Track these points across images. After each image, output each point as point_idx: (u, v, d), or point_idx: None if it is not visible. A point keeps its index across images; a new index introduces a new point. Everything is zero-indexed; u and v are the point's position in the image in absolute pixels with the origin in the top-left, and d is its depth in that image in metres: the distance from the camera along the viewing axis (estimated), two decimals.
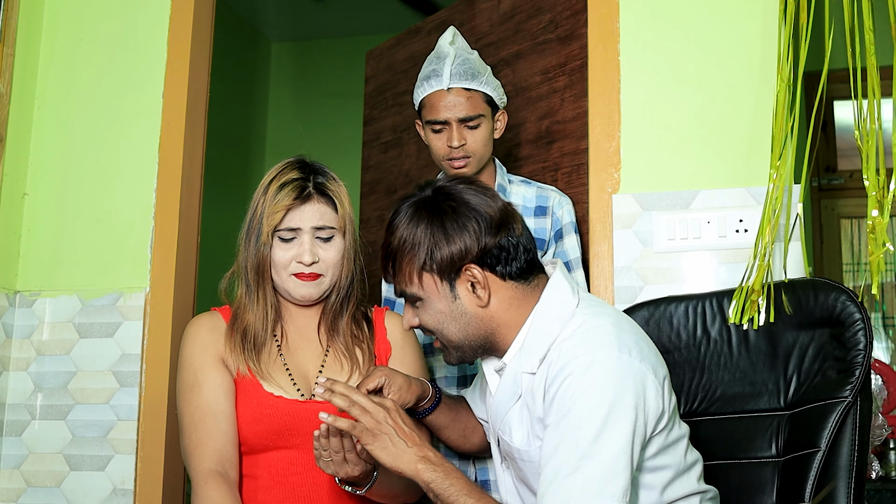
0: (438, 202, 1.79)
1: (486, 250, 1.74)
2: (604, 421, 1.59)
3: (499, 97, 2.54)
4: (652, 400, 1.66)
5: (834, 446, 1.80)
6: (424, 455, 1.70)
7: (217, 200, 3.83)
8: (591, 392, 1.61)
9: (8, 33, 2.82)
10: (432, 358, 2.47)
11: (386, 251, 1.83)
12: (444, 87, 2.47)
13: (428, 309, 1.79)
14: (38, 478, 2.73)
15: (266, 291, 2.06)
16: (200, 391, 2.00)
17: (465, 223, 1.75)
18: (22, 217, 2.88)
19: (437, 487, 1.67)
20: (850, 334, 1.86)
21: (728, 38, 2.54)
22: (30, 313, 2.82)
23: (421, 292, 1.78)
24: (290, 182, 2.03)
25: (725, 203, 2.46)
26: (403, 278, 1.80)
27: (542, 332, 1.75)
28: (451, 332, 1.79)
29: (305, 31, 6.01)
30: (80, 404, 2.74)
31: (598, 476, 1.56)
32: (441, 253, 1.74)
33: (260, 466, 2.00)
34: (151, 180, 2.83)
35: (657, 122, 2.56)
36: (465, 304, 1.76)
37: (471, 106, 2.47)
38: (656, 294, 2.37)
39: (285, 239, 2.03)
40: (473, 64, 2.51)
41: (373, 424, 1.71)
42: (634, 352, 1.67)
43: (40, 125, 2.93)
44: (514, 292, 1.78)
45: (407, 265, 1.78)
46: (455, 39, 2.56)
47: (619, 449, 1.58)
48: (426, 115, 2.52)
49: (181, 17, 2.91)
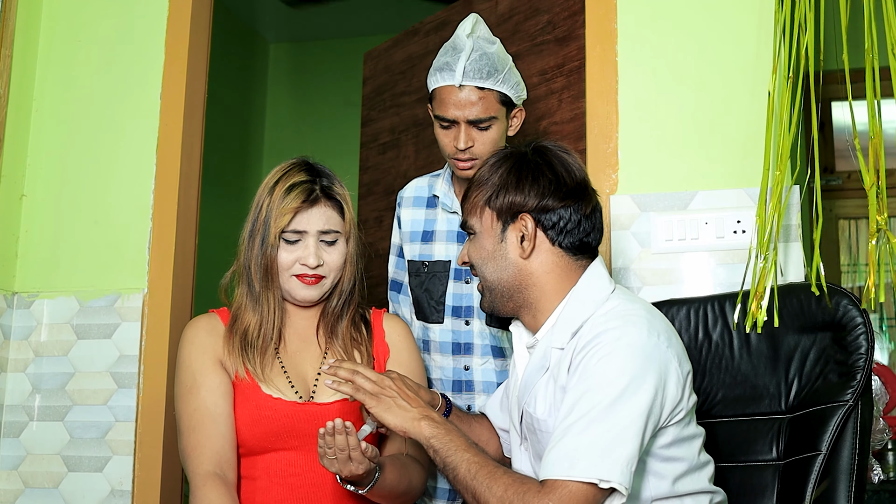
0: (527, 156, 1.88)
1: (546, 210, 1.83)
2: (622, 390, 1.63)
3: (516, 95, 2.35)
4: (672, 387, 1.69)
5: (835, 450, 1.80)
6: (427, 414, 1.77)
7: (215, 201, 3.83)
8: (615, 362, 1.66)
9: (6, 35, 2.82)
10: (426, 355, 2.46)
11: (470, 182, 1.93)
12: (455, 83, 2.29)
13: (477, 242, 1.88)
14: (36, 479, 2.72)
15: (274, 293, 2.05)
16: (199, 393, 2.00)
17: (539, 178, 1.84)
18: (20, 218, 2.88)
19: (436, 442, 1.72)
20: (851, 338, 1.87)
21: (726, 38, 2.54)
22: (28, 314, 2.81)
23: (478, 225, 1.88)
24: (299, 184, 2.03)
25: (723, 204, 2.46)
26: (471, 207, 1.89)
27: (575, 311, 1.79)
28: (488, 272, 1.87)
29: (303, 32, 6.00)
30: (78, 405, 2.74)
31: (606, 440, 1.60)
32: (507, 195, 1.84)
33: (258, 468, 2.00)
34: (149, 181, 2.83)
35: (655, 123, 2.56)
36: (508, 249, 1.84)
37: (483, 107, 2.28)
38: (654, 295, 2.38)
39: (290, 241, 2.03)
40: (491, 59, 2.31)
41: (376, 389, 1.80)
42: (663, 337, 1.72)
43: (38, 127, 2.93)
44: (558, 259, 1.84)
45: (477, 196, 1.88)
46: (475, 29, 2.36)
47: (632, 420, 1.62)
48: (435, 107, 2.35)
49: (179, 19, 2.90)
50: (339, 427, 1.73)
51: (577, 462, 1.58)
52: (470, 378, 2.43)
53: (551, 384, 1.78)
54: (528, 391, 1.84)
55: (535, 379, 1.82)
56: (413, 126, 3.54)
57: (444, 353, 2.44)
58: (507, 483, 1.62)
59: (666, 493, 1.73)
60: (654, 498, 1.73)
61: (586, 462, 1.58)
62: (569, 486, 1.58)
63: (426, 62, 3.50)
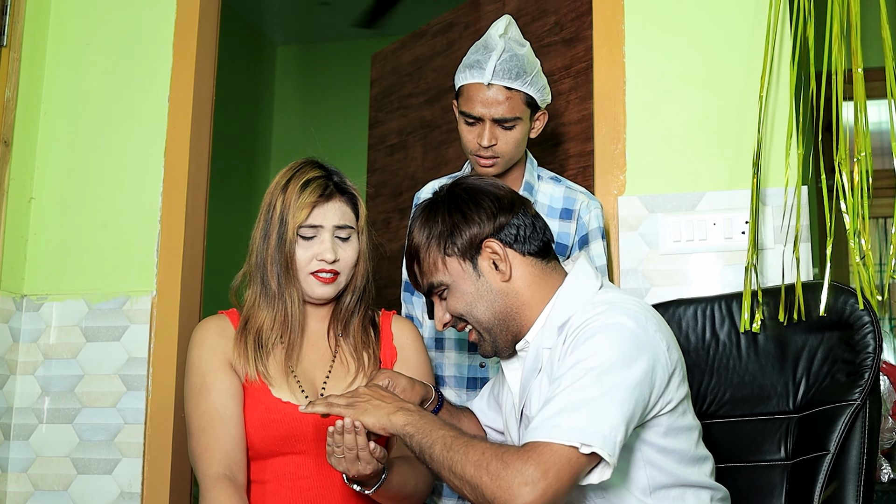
0: (452, 193, 1.88)
1: (503, 227, 1.82)
2: (612, 364, 1.61)
3: (542, 98, 2.38)
4: (660, 371, 1.68)
5: (843, 449, 1.80)
6: (402, 406, 1.75)
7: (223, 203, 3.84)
8: (605, 341, 1.65)
9: (14, 38, 2.83)
10: (439, 353, 2.46)
11: (409, 252, 1.89)
12: (484, 81, 2.31)
13: (455, 293, 1.84)
14: (46, 481, 2.73)
15: (296, 287, 2.05)
16: (208, 395, 2.00)
17: (480, 203, 1.84)
18: (28, 221, 2.88)
19: (411, 428, 1.68)
20: (858, 337, 1.86)
21: (733, 39, 2.54)
22: (37, 317, 2.82)
23: (447, 277, 1.84)
24: (314, 180, 2.03)
25: (731, 205, 2.46)
26: (429, 269, 1.85)
27: (563, 309, 1.79)
28: (479, 313, 1.83)
29: (310, 33, 6.01)
30: (87, 408, 2.74)
31: (591, 407, 1.57)
32: (461, 234, 1.82)
33: (267, 472, 2.00)
34: (157, 184, 2.83)
35: (663, 124, 2.55)
36: (489, 280, 1.82)
37: (509, 107, 2.31)
38: (662, 296, 2.37)
39: (306, 237, 2.03)
40: (521, 61, 2.33)
41: (350, 401, 1.77)
42: (651, 322, 1.72)
43: (46, 130, 2.94)
44: (534, 268, 1.84)
45: (431, 256, 1.84)
46: (508, 30, 2.37)
47: (620, 392, 1.59)
48: (462, 104, 2.36)
49: (186, 21, 2.91)
50: (347, 426, 1.72)
51: (559, 425, 1.56)
52: (485, 375, 2.43)
53: (545, 381, 1.77)
54: (526, 394, 1.83)
55: (530, 380, 1.82)
56: (421, 128, 3.54)
57: (459, 351, 2.44)
58: (483, 448, 1.59)
59: (665, 483, 1.72)
60: (654, 488, 1.72)
61: (568, 425, 1.55)
62: (550, 447, 1.54)
63: (434, 64, 3.52)
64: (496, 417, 2.05)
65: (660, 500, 1.72)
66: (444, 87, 3.39)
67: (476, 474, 1.56)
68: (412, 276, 1.90)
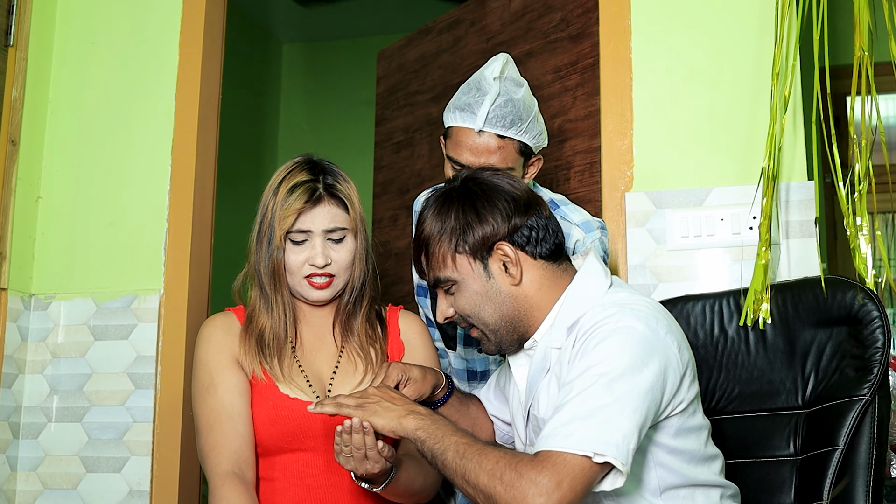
0: (467, 187, 1.84)
1: (517, 229, 1.79)
2: (623, 370, 1.60)
3: (537, 144, 2.21)
4: (672, 374, 1.67)
5: (852, 444, 1.80)
6: (413, 409, 1.73)
7: (230, 201, 3.84)
8: (615, 344, 1.63)
9: (21, 38, 2.83)
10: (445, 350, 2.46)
11: (418, 242, 1.87)
12: (475, 127, 2.14)
13: (463, 292, 1.82)
14: (55, 480, 2.74)
15: (283, 295, 2.05)
16: (216, 392, 2.00)
17: (496, 202, 1.80)
18: (36, 220, 2.89)
19: (422, 433, 1.67)
20: (867, 332, 1.86)
21: (739, 34, 2.54)
22: (45, 316, 2.83)
23: (456, 275, 1.81)
24: (301, 185, 2.01)
25: (739, 200, 2.45)
26: (437, 263, 1.83)
27: (572, 308, 1.77)
28: (486, 314, 1.82)
29: (316, 31, 6.01)
30: (96, 406, 2.75)
31: (603, 415, 1.56)
32: (473, 233, 1.79)
33: (276, 468, 2.00)
34: (164, 182, 2.84)
35: (669, 120, 2.55)
36: (498, 282, 1.80)
37: (501, 157, 2.14)
38: (670, 292, 2.37)
39: (297, 241, 2.02)
40: (517, 106, 2.16)
41: (359, 402, 1.76)
42: (662, 324, 1.70)
43: (53, 129, 2.94)
44: (544, 272, 1.81)
45: (440, 250, 1.82)
46: (504, 70, 2.19)
47: (631, 399, 1.59)
48: (449, 147, 2.20)
49: (192, 20, 2.91)
50: (356, 426, 1.72)
51: (572, 434, 1.55)
52: (484, 368, 2.43)
53: (553, 383, 1.76)
54: (533, 394, 1.82)
55: (538, 381, 1.81)
56: (427, 125, 3.54)
57: (466, 345, 2.44)
58: (497, 456, 1.58)
59: (675, 483, 1.72)
60: (664, 489, 1.72)
61: (581, 434, 1.55)
62: (563, 456, 1.54)
63: (440, 61, 3.52)
64: (503, 408, 2.05)
65: (669, 500, 1.72)
66: (451, 84, 3.38)
67: (490, 483, 1.56)
68: (418, 265, 1.88)
